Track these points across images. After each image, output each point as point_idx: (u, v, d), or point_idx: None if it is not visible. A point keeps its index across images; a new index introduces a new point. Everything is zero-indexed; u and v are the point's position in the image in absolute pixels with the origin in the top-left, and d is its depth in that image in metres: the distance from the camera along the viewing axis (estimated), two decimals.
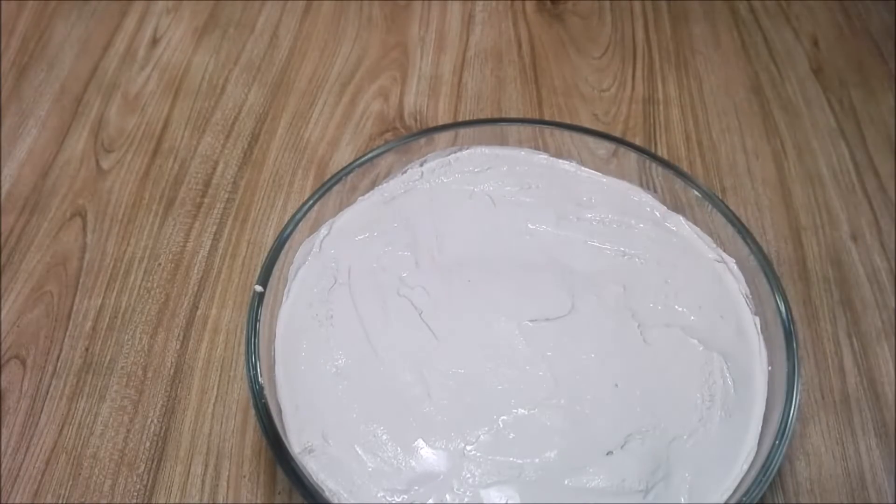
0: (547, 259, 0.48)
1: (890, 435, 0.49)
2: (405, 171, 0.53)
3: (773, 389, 0.43)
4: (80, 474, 0.47)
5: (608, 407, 0.42)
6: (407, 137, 0.52)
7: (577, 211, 0.51)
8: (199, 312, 0.54)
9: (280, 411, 0.43)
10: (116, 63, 0.69)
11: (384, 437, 0.41)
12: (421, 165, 0.53)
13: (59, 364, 0.51)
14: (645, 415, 0.42)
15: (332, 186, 0.49)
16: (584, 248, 0.49)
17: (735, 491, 0.40)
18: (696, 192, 0.50)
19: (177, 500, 0.46)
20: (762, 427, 0.42)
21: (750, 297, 0.47)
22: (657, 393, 0.43)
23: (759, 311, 0.46)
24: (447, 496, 0.39)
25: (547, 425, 0.41)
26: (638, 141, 0.63)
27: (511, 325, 0.45)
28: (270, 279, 0.45)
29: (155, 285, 0.55)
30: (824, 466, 0.47)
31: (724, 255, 0.49)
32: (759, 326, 0.46)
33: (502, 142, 0.54)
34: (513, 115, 0.65)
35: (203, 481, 0.47)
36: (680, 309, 0.46)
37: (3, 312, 0.54)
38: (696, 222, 0.50)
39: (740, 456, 0.41)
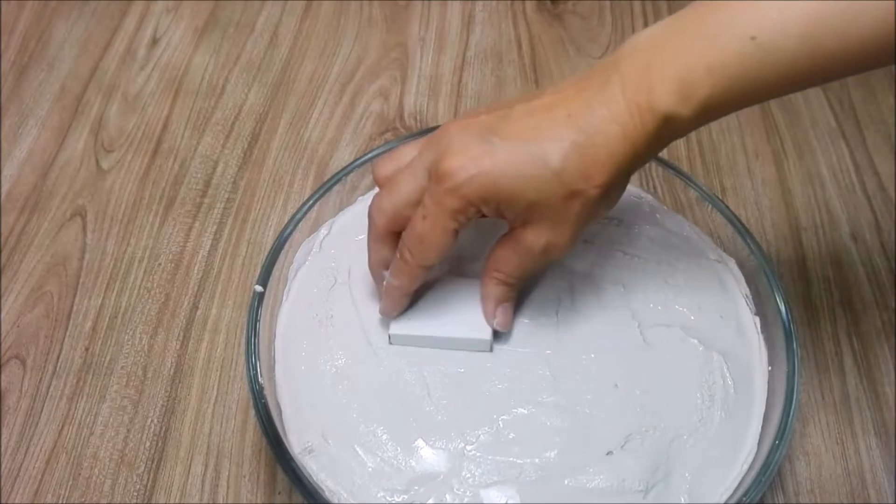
0: None
1: (890, 435, 0.49)
2: None
3: (773, 389, 0.43)
4: (80, 474, 0.47)
5: (608, 407, 0.42)
6: (407, 137, 0.52)
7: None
8: (199, 312, 0.54)
9: (280, 411, 0.43)
10: (116, 63, 0.69)
11: (384, 437, 0.41)
12: None
13: (59, 364, 0.51)
14: (645, 415, 0.42)
15: (332, 186, 0.49)
16: (584, 248, 0.48)
17: (735, 491, 0.40)
18: (696, 192, 0.50)
19: (177, 500, 0.46)
20: (762, 427, 0.42)
21: (750, 297, 0.47)
22: (657, 393, 0.43)
23: (759, 311, 0.46)
24: (447, 496, 0.39)
25: (547, 425, 0.41)
26: None
27: (513, 324, 0.45)
28: (270, 279, 0.45)
29: (155, 285, 0.55)
30: (824, 466, 0.48)
31: (724, 255, 0.49)
32: (759, 326, 0.46)
33: None
34: None
35: (203, 481, 0.47)
36: (680, 309, 0.46)
37: (3, 312, 0.54)
38: (696, 222, 0.50)
39: (740, 456, 0.41)
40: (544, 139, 0.35)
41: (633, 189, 0.52)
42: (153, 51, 0.70)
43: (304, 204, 0.49)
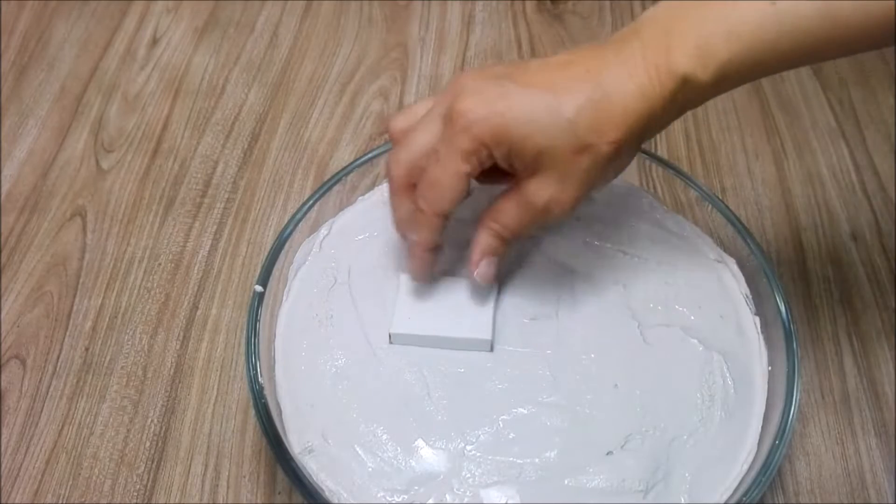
0: (546, 259, 0.48)
1: (890, 435, 0.49)
2: None
3: (773, 389, 0.43)
4: (80, 474, 0.47)
5: (608, 407, 0.42)
6: None
7: (577, 210, 0.51)
8: (199, 312, 0.54)
9: (280, 411, 0.43)
10: (116, 63, 0.69)
11: (384, 436, 0.41)
12: None
13: (59, 364, 0.51)
14: (645, 415, 0.42)
15: (332, 186, 0.49)
16: (584, 248, 0.48)
17: (735, 491, 0.40)
18: (696, 192, 0.50)
19: (177, 500, 0.46)
20: (762, 427, 0.42)
21: (750, 297, 0.47)
22: (657, 393, 0.43)
23: (759, 311, 0.46)
24: (447, 496, 0.39)
25: (547, 425, 0.41)
26: None
27: (511, 325, 0.45)
28: (270, 279, 0.45)
29: (155, 285, 0.55)
30: (824, 466, 0.47)
31: (724, 255, 0.49)
32: (759, 326, 0.46)
33: None
34: None
35: (203, 481, 0.47)
36: (680, 309, 0.46)
37: (3, 312, 0.54)
38: (696, 222, 0.50)
39: (740, 456, 0.41)
40: (560, 90, 0.35)
41: (633, 189, 0.52)
42: (153, 51, 0.70)
43: (304, 204, 0.49)
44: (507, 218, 0.39)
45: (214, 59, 0.69)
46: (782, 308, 0.44)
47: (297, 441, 0.41)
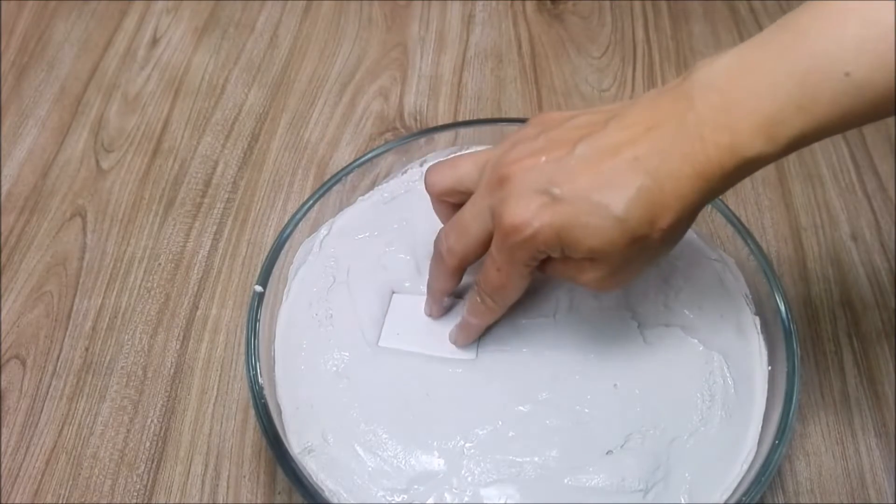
0: None
1: (890, 435, 0.49)
2: (405, 171, 0.53)
3: (773, 389, 0.43)
4: (80, 474, 0.47)
5: (608, 406, 0.42)
6: (407, 137, 0.52)
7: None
8: (199, 312, 0.54)
9: (280, 411, 0.43)
10: (116, 63, 0.69)
11: (384, 436, 0.41)
12: (421, 165, 0.53)
13: (59, 364, 0.51)
14: (645, 414, 0.42)
15: (332, 186, 0.50)
16: None
17: (735, 491, 0.40)
18: None
19: (177, 500, 0.46)
20: (762, 427, 0.42)
21: (750, 297, 0.47)
22: (657, 393, 0.43)
23: (759, 311, 0.46)
24: (447, 495, 0.39)
25: (546, 424, 0.41)
26: None
27: (510, 325, 0.45)
28: (270, 279, 0.45)
29: (155, 285, 0.55)
30: (824, 466, 0.47)
31: (724, 255, 0.49)
32: (759, 326, 0.46)
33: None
34: (513, 115, 0.65)
35: (203, 481, 0.47)
36: (680, 309, 0.46)
37: (3, 312, 0.54)
38: (696, 222, 0.50)
39: (740, 456, 0.41)
40: (608, 187, 0.34)
41: None
42: (153, 51, 0.70)
43: (304, 204, 0.49)
44: (557, 273, 0.39)
45: (214, 59, 0.69)
46: (782, 308, 0.44)
47: (296, 441, 0.41)
